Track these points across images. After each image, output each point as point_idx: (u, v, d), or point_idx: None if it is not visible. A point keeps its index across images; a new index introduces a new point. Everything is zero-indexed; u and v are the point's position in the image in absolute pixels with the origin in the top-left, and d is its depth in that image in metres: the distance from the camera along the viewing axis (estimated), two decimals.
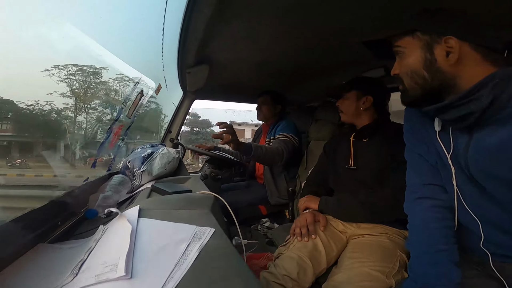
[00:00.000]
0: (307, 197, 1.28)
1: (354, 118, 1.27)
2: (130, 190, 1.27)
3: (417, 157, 0.84)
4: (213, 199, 0.92)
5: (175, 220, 0.70)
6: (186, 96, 2.34)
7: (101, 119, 1.30)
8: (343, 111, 1.29)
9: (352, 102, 1.24)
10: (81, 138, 1.30)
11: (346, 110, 1.27)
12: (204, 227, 0.65)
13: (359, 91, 1.24)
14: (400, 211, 0.96)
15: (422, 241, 0.77)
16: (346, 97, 1.26)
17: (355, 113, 1.25)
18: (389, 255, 0.98)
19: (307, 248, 1.04)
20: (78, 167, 1.24)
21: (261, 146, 1.67)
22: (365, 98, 1.22)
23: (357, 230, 1.14)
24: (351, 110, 1.25)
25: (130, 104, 1.27)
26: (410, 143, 0.86)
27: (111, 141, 1.20)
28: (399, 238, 1.08)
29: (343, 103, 1.28)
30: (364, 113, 1.24)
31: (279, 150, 1.74)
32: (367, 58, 1.37)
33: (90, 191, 1.06)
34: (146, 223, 0.67)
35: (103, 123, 1.25)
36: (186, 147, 2.28)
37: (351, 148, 1.26)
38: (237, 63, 1.63)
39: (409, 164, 0.87)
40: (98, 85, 1.27)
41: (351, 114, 1.26)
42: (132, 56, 1.36)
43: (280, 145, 1.77)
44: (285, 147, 1.77)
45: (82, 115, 1.22)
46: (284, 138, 1.85)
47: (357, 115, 1.25)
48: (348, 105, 1.26)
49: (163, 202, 0.86)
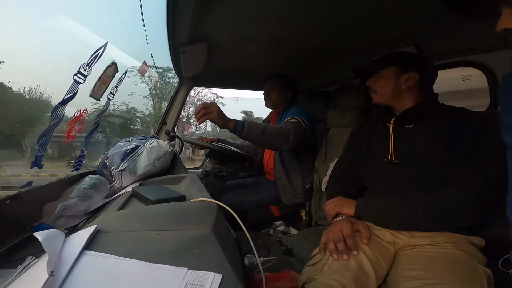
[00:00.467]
0: (338, 199, 0.99)
1: (392, 100, 0.99)
2: (108, 194, 0.98)
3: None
4: (215, 209, 0.62)
5: (149, 253, 0.41)
6: (182, 83, 2.07)
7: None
8: (376, 91, 1.02)
9: (390, 80, 0.98)
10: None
11: (382, 90, 1.00)
12: (202, 272, 0.36)
13: (399, 67, 0.97)
14: (473, 219, 0.79)
15: None
16: (381, 75, 1.00)
17: (394, 93, 0.98)
18: (468, 271, 0.71)
19: (350, 269, 0.75)
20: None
21: (258, 124, 1.33)
22: (407, 75, 0.95)
23: (411, 240, 0.85)
24: (389, 89, 0.98)
25: (96, 82, 0.96)
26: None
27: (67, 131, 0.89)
28: (471, 248, 0.80)
29: (376, 82, 1.02)
30: (407, 93, 0.97)
31: (284, 130, 1.39)
32: (395, 36, 1.23)
33: (46, 198, 0.77)
34: (90, 265, 0.37)
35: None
36: (183, 140, 2.01)
37: (390, 137, 0.97)
38: (242, 42, 1.36)
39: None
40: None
41: (388, 94, 0.99)
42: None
43: (286, 125, 1.44)
44: (293, 128, 1.43)
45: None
46: (293, 120, 1.52)
47: (397, 95, 0.98)
48: (384, 83, 0.99)
49: (139, 217, 0.57)
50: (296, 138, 1.43)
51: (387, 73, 0.98)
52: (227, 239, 0.62)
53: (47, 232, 0.42)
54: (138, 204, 0.74)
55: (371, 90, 1.04)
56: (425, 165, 0.88)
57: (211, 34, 1.25)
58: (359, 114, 1.50)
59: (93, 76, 0.88)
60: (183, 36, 1.24)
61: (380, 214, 0.88)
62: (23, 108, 0.95)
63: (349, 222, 0.86)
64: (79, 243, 0.41)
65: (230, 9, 1.02)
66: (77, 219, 0.77)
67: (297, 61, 1.72)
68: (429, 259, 0.77)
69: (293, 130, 1.42)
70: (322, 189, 1.49)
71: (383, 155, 0.97)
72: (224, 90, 23.85)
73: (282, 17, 1.09)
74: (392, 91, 0.98)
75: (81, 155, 1.07)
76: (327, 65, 1.82)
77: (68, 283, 0.34)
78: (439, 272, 0.71)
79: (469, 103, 1.15)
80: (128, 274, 0.36)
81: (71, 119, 0.89)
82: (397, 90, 0.97)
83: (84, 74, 0.84)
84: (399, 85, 0.96)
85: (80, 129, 0.94)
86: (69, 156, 1.02)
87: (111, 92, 1.14)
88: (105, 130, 1.23)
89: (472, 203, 0.77)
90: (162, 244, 0.46)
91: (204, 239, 0.48)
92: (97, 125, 1.16)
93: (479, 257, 0.77)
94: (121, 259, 0.39)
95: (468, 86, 1.82)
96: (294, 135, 1.42)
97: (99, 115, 1.15)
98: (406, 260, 0.80)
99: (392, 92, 0.98)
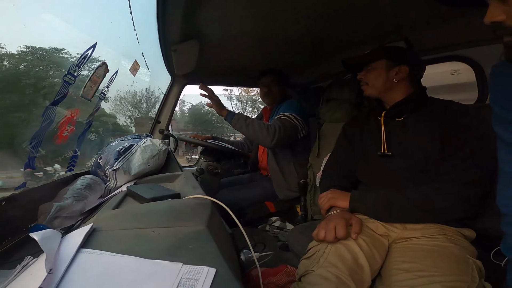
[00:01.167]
0: (332, 192, 1.00)
1: (383, 92, 1.01)
2: (103, 194, 0.98)
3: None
4: (210, 206, 0.63)
5: (145, 250, 0.42)
6: (175, 81, 2.07)
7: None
8: (368, 83, 1.03)
9: (381, 73, 0.99)
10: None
11: (373, 82, 1.02)
12: (197, 266, 0.37)
13: (389, 60, 0.99)
14: (466, 210, 0.80)
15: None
16: (372, 68, 1.02)
17: (385, 85, 0.99)
18: (460, 263, 0.72)
19: (345, 262, 0.76)
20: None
21: (246, 118, 1.49)
22: (397, 68, 0.97)
23: (404, 232, 0.87)
24: (380, 82, 1.00)
25: (87, 82, 0.95)
26: (507, 112, 0.58)
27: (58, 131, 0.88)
28: (462, 240, 0.82)
29: (367, 75, 1.03)
30: (397, 86, 0.99)
31: (269, 130, 1.48)
32: (386, 30, 1.26)
33: (41, 199, 0.77)
34: (87, 262, 0.38)
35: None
36: (178, 138, 2.00)
37: (382, 130, 0.98)
38: (234, 38, 1.37)
39: (506, 142, 0.59)
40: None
41: (379, 86, 1.00)
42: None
43: (272, 125, 1.51)
44: (280, 126, 1.50)
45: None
46: (282, 117, 1.58)
47: (388, 88, 1.00)
48: (375, 76, 1.01)
49: (134, 215, 0.58)
50: (284, 135, 1.50)
51: (378, 66, 1.00)
52: (222, 235, 0.63)
53: (44, 232, 0.43)
54: (133, 202, 0.74)
55: (362, 83, 1.06)
56: (418, 157, 0.90)
57: (202, 32, 1.24)
58: (351, 109, 1.52)
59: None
60: (174, 34, 1.23)
61: (375, 207, 0.89)
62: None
63: (343, 219, 0.84)
64: (76, 242, 0.41)
65: (220, 6, 1.02)
66: (73, 219, 0.77)
67: (290, 57, 1.72)
68: (421, 251, 0.78)
69: (280, 128, 1.49)
70: (316, 184, 1.51)
71: (376, 148, 0.99)
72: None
73: (272, 13, 1.09)
74: (383, 84, 0.99)
75: (74, 155, 1.06)
76: (319, 60, 1.83)
77: (66, 280, 0.34)
78: (431, 264, 0.72)
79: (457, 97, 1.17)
80: (125, 270, 0.37)
81: (62, 120, 0.88)
82: (389, 83, 0.99)
83: (73, 75, 0.84)
84: (390, 78, 0.98)
85: (72, 130, 0.93)
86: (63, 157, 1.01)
87: (102, 92, 1.13)
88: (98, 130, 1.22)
89: (465, 194, 0.78)
90: (157, 241, 0.46)
91: (199, 235, 0.49)
92: (89, 125, 1.15)
93: (470, 249, 0.79)
94: (117, 256, 0.40)
95: (457, 80, 1.85)
96: (282, 132, 1.49)
97: (91, 115, 1.15)
98: (399, 252, 0.82)
99: (384, 84, 0.99)
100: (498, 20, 0.50)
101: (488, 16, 0.51)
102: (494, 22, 0.51)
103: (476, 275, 0.69)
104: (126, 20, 1.20)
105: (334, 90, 1.62)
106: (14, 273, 0.38)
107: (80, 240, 0.42)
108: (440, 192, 0.81)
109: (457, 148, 0.83)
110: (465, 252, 0.76)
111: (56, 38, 1.02)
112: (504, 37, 0.51)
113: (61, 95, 0.79)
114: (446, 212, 0.81)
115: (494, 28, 0.52)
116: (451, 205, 0.80)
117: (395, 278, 0.74)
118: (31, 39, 0.91)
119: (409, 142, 0.93)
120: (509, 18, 0.49)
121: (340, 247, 0.80)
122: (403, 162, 0.92)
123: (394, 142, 0.96)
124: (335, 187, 1.03)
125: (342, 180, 1.08)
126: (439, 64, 1.39)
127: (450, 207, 0.80)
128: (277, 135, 1.47)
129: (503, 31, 0.51)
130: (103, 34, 1.08)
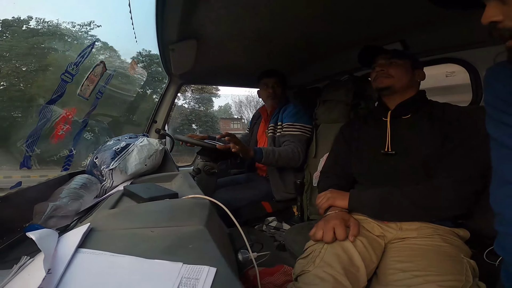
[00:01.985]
0: (330, 191, 1.00)
1: (404, 88, 1.01)
2: (99, 194, 0.97)
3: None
4: (208, 205, 0.63)
5: (144, 250, 0.41)
6: (171, 81, 2.05)
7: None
8: (394, 75, 1.01)
9: (408, 71, 1.01)
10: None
11: (400, 76, 1.00)
12: (197, 266, 0.37)
13: (413, 62, 1.03)
14: (461, 208, 0.82)
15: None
16: (398, 64, 1.01)
17: (408, 83, 1.01)
18: (454, 263, 0.73)
19: (341, 262, 0.77)
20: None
21: (273, 151, 1.51)
22: (418, 70, 1.02)
23: (399, 233, 0.88)
24: (407, 78, 1.01)
25: (84, 81, 0.94)
26: (500, 113, 0.59)
27: (54, 129, 0.87)
28: (456, 240, 0.83)
29: (392, 68, 1.01)
30: (414, 87, 1.03)
31: (295, 154, 1.56)
32: (383, 32, 1.27)
33: (36, 198, 0.76)
34: (86, 262, 0.38)
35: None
36: (175, 138, 1.99)
37: (388, 128, 0.99)
38: (232, 38, 1.37)
39: (499, 142, 0.60)
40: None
41: (405, 82, 1.00)
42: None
43: (295, 147, 1.58)
44: (301, 148, 1.59)
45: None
46: (297, 133, 1.63)
47: (409, 86, 1.02)
48: (403, 72, 1.01)
49: (132, 214, 0.58)
50: (303, 150, 1.60)
51: (406, 64, 1.01)
52: (221, 235, 0.63)
53: (41, 232, 0.42)
54: (130, 202, 0.74)
55: (382, 74, 1.02)
56: (420, 156, 0.91)
57: (201, 31, 1.24)
58: (348, 109, 1.53)
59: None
60: (172, 34, 1.23)
61: (373, 206, 0.89)
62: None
63: (342, 221, 0.85)
64: (74, 242, 0.41)
65: (219, 7, 1.02)
66: (68, 219, 0.77)
67: (287, 58, 1.72)
68: (417, 251, 0.79)
69: (301, 150, 1.59)
70: (313, 184, 1.52)
71: (379, 147, 0.99)
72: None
73: (271, 14, 1.10)
74: (408, 81, 1.01)
75: (70, 154, 1.05)
76: (315, 61, 1.83)
77: (66, 280, 0.34)
78: (426, 264, 0.73)
79: (452, 98, 1.19)
80: (124, 270, 0.36)
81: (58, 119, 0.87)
82: (412, 82, 1.02)
83: (71, 73, 0.83)
84: (413, 77, 1.02)
85: (68, 128, 0.92)
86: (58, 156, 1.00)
87: (99, 91, 1.12)
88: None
89: (460, 191, 0.79)
90: (156, 240, 0.46)
91: (197, 235, 0.49)
92: (85, 124, 1.14)
93: (464, 249, 0.80)
94: (117, 256, 0.39)
95: (452, 82, 1.87)
96: (303, 149, 1.60)
97: (87, 114, 1.14)
98: (395, 252, 0.83)
99: (408, 82, 1.01)
100: (495, 20, 0.50)
101: (486, 16, 0.51)
102: (491, 22, 0.51)
103: (470, 274, 0.70)
104: (125, 18, 1.19)
105: (330, 91, 1.63)
106: (12, 273, 0.37)
107: (78, 240, 0.42)
108: (436, 190, 0.83)
109: (453, 147, 0.84)
110: (460, 252, 0.77)
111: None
112: (508, 41, 0.51)
113: (58, 93, 0.78)
114: (441, 209, 0.82)
115: (491, 28, 0.52)
116: (446, 202, 0.81)
117: (391, 277, 0.75)
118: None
119: (413, 141, 0.94)
120: (506, 18, 0.49)
121: (336, 247, 0.80)
122: (406, 160, 0.93)
123: (398, 140, 0.97)
124: (333, 186, 1.04)
125: (341, 180, 1.09)
126: (435, 66, 1.40)
127: (445, 204, 0.81)
128: (301, 155, 1.58)
129: (500, 32, 0.51)
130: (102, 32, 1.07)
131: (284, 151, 1.55)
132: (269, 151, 1.49)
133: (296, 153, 1.56)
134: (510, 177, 0.56)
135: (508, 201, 0.56)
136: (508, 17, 0.49)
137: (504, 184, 0.57)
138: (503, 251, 0.58)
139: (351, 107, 1.52)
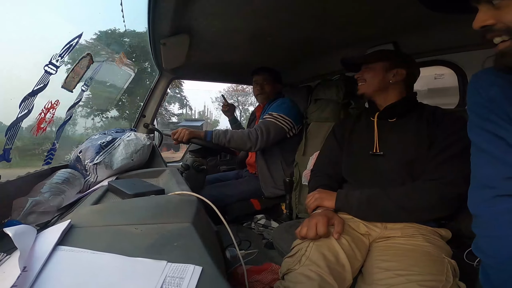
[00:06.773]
0: (318, 192, 1.00)
1: (378, 92, 1.04)
2: (82, 189, 0.94)
3: (494, 139, 0.58)
4: (195, 202, 0.62)
5: (126, 248, 0.40)
6: (162, 75, 2.01)
7: None
8: (366, 80, 1.05)
9: (379, 73, 1.02)
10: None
11: (370, 81, 1.04)
12: (182, 264, 0.36)
13: (389, 63, 1.02)
14: (445, 209, 0.83)
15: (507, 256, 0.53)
16: (370, 68, 1.04)
17: (380, 86, 1.02)
18: (436, 263, 0.75)
19: (327, 260, 0.77)
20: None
21: (225, 132, 1.49)
22: (395, 70, 1.01)
23: (384, 232, 0.89)
24: (376, 81, 1.02)
25: (70, 73, 0.90)
26: (481, 119, 0.60)
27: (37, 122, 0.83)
28: (438, 240, 0.85)
29: (365, 74, 1.06)
30: (392, 88, 1.02)
31: (251, 136, 1.50)
32: (375, 33, 1.28)
33: (15, 193, 0.73)
34: (65, 260, 0.36)
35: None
36: (163, 133, 1.96)
37: (375, 130, 1.01)
38: (226, 35, 1.35)
39: (478, 148, 0.61)
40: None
41: (375, 86, 1.03)
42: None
43: (255, 130, 1.52)
44: (263, 130, 1.52)
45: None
46: (267, 119, 1.58)
47: (383, 89, 1.03)
48: (372, 75, 1.03)
49: (115, 211, 0.56)
50: (267, 138, 1.52)
51: (377, 67, 1.03)
52: (208, 232, 0.62)
53: (18, 228, 0.40)
54: (114, 198, 0.71)
55: (360, 80, 1.07)
56: (407, 157, 0.92)
57: (194, 27, 1.22)
58: (339, 109, 1.54)
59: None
60: (164, 28, 1.20)
61: (359, 206, 0.90)
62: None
63: (325, 217, 0.86)
64: (52, 239, 0.39)
65: (213, 2, 1.00)
66: (49, 215, 0.74)
67: (280, 55, 1.72)
68: (400, 250, 0.80)
69: (263, 132, 1.51)
70: (302, 182, 1.52)
71: (368, 148, 1.01)
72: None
73: (265, 11, 1.09)
74: (379, 84, 1.02)
75: (52, 148, 1.01)
76: (308, 60, 1.83)
77: (42, 278, 0.32)
78: (409, 263, 0.74)
79: (440, 101, 1.21)
80: (106, 268, 0.35)
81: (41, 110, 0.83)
82: (384, 84, 1.02)
83: (55, 65, 0.79)
84: (386, 79, 1.01)
85: (51, 121, 0.88)
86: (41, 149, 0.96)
87: (85, 83, 1.09)
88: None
89: (444, 194, 0.80)
90: (140, 238, 0.45)
91: (184, 232, 0.48)
92: (69, 116, 1.10)
93: (445, 249, 0.82)
94: (97, 254, 0.37)
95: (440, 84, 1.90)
96: (265, 136, 1.51)
97: (72, 107, 1.10)
98: (379, 251, 0.84)
99: (379, 85, 1.02)
100: (487, 24, 0.51)
101: (478, 20, 0.52)
102: (483, 26, 0.52)
103: (450, 275, 0.71)
104: (116, 10, 1.15)
105: (321, 90, 1.63)
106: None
107: (57, 236, 0.40)
108: (421, 192, 0.84)
109: (440, 151, 0.86)
110: (441, 251, 0.79)
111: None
112: (499, 45, 0.52)
113: (41, 84, 0.75)
114: (425, 211, 0.84)
115: (484, 32, 0.52)
116: (430, 205, 0.82)
117: (375, 276, 0.76)
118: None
119: (400, 143, 0.95)
120: (499, 22, 0.50)
121: (321, 246, 0.81)
122: (393, 162, 0.94)
123: (386, 142, 0.98)
124: (322, 186, 1.04)
125: (330, 180, 1.10)
126: (424, 68, 1.42)
127: (429, 206, 0.83)
128: (260, 139, 1.50)
129: (493, 34, 0.52)
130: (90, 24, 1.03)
131: (239, 133, 1.52)
132: (220, 132, 1.49)
133: (254, 135, 1.51)
134: (487, 182, 0.57)
135: (484, 204, 0.57)
136: (500, 22, 0.49)
137: (481, 188, 0.58)
138: (479, 253, 0.59)
139: (342, 106, 1.53)
